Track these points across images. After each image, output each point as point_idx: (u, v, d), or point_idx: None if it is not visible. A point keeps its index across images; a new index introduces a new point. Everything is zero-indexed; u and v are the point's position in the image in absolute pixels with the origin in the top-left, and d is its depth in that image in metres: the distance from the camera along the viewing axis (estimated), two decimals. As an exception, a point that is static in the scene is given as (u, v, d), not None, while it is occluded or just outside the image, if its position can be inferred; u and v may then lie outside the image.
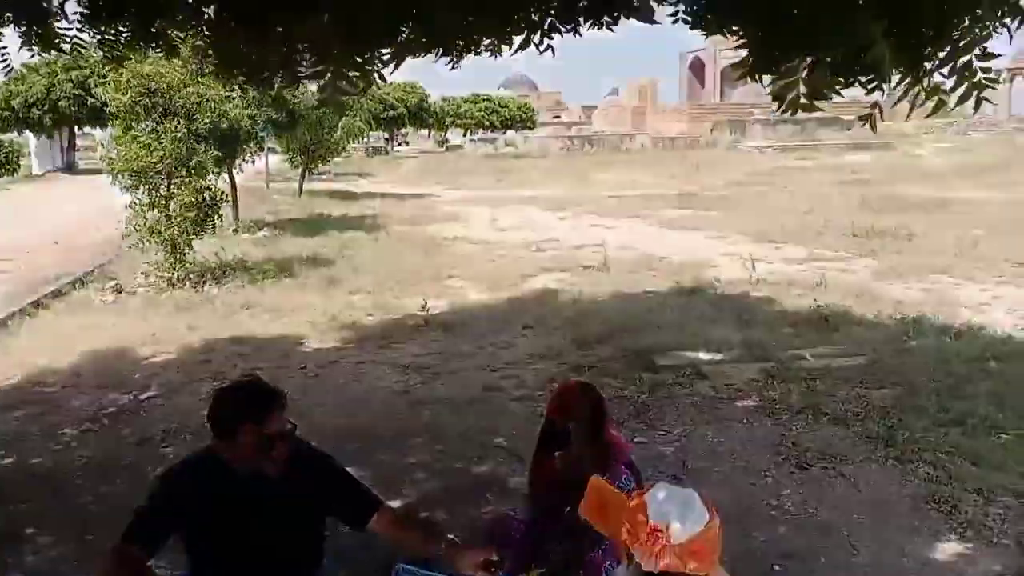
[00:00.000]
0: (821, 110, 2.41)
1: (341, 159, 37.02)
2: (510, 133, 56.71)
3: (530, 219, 16.87)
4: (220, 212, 10.10)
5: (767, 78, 2.45)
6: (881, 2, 2.13)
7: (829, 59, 2.30)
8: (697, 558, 1.99)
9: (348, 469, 3.74)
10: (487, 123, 73.83)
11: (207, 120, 9.81)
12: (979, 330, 6.89)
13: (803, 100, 2.33)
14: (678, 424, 5.32)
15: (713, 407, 5.58)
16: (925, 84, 2.73)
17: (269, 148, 28.93)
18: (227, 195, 11.00)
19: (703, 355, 6.58)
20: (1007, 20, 2.57)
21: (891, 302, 8.18)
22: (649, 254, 11.87)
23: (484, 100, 78.11)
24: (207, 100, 9.91)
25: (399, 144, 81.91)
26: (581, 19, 2.84)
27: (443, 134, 78.29)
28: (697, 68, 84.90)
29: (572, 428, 3.31)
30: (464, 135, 68.52)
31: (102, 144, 12.61)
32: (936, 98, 2.73)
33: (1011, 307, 8.02)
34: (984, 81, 2.57)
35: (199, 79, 9.62)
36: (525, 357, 6.89)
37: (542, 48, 3.04)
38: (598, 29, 3.01)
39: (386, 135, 68.40)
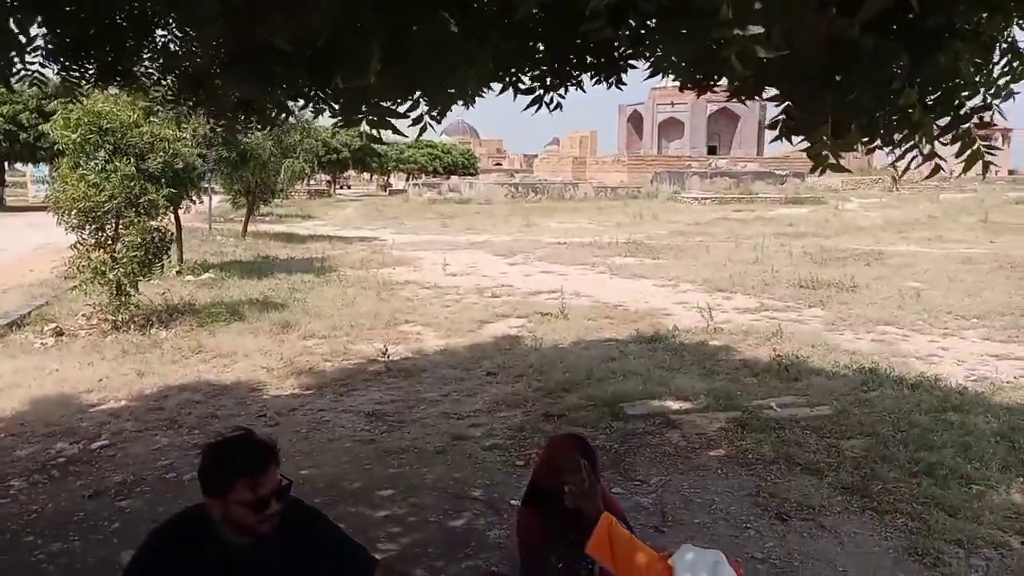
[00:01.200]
0: (850, 171, 2.44)
1: (281, 201, 36.77)
2: (454, 179, 57.03)
3: (481, 265, 16.85)
4: (169, 253, 9.77)
5: (796, 138, 2.47)
6: (913, 70, 2.17)
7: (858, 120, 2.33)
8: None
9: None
10: (430, 168, 74.25)
11: (159, 160, 9.53)
12: (936, 381, 7.06)
13: (831, 159, 2.34)
14: (653, 474, 5.27)
15: (686, 457, 5.54)
16: (923, 148, 2.83)
17: (212, 189, 28.51)
18: (173, 235, 10.65)
19: (672, 404, 6.58)
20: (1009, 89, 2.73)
21: (845, 352, 8.36)
22: (604, 301, 11.93)
23: (428, 146, 78.67)
24: (160, 139, 9.65)
25: (341, 187, 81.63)
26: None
27: (386, 179, 78.37)
28: (635, 120, 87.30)
29: (568, 483, 3.21)
30: (407, 180, 68.64)
31: (43, 181, 12.14)
32: (933, 162, 2.84)
33: (959, 359, 8.26)
34: (983, 150, 2.66)
35: (152, 119, 9.42)
36: (491, 405, 6.77)
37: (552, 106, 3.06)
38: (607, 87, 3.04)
39: (328, 178, 68.07)
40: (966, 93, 2.69)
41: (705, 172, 48.20)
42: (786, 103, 2.37)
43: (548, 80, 3.13)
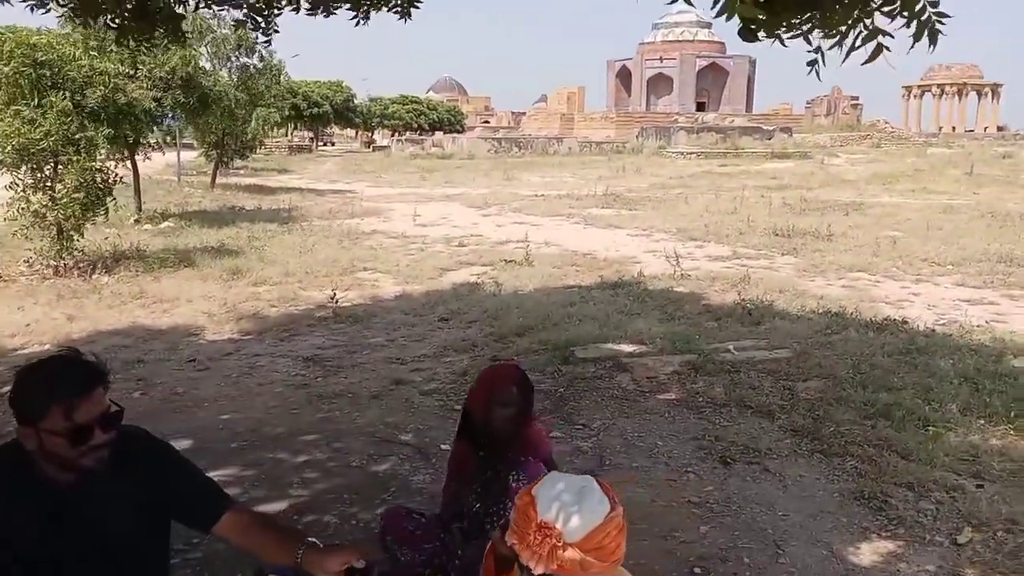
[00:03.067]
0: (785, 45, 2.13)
1: (262, 155, 35.97)
2: (438, 135, 56.26)
3: (453, 216, 16.45)
4: (113, 196, 9.33)
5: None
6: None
7: None
8: (596, 555, 1.63)
9: (230, 468, 3.23)
10: (415, 125, 73.29)
11: (98, 94, 9.03)
12: (903, 324, 6.78)
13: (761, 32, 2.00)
14: (597, 418, 4.98)
15: (634, 400, 5.26)
16: (868, 24, 2.49)
17: (184, 142, 27.81)
18: (121, 179, 10.17)
19: (625, 348, 6.27)
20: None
21: (813, 297, 8.07)
22: (573, 250, 11.60)
23: (413, 102, 77.65)
24: (100, 74, 9.13)
25: (325, 143, 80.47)
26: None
27: (370, 135, 77.24)
28: (624, 76, 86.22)
29: (496, 415, 2.94)
30: (392, 136, 67.67)
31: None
32: (875, 41, 2.50)
33: (929, 303, 8.00)
34: (935, 17, 2.34)
35: (92, 52, 8.91)
36: (439, 350, 6.46)
37: None
38: None
39: (311, 134, 66.97)
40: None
41: (692, 127, 47.55)
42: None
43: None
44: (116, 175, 9.52)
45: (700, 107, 78.24)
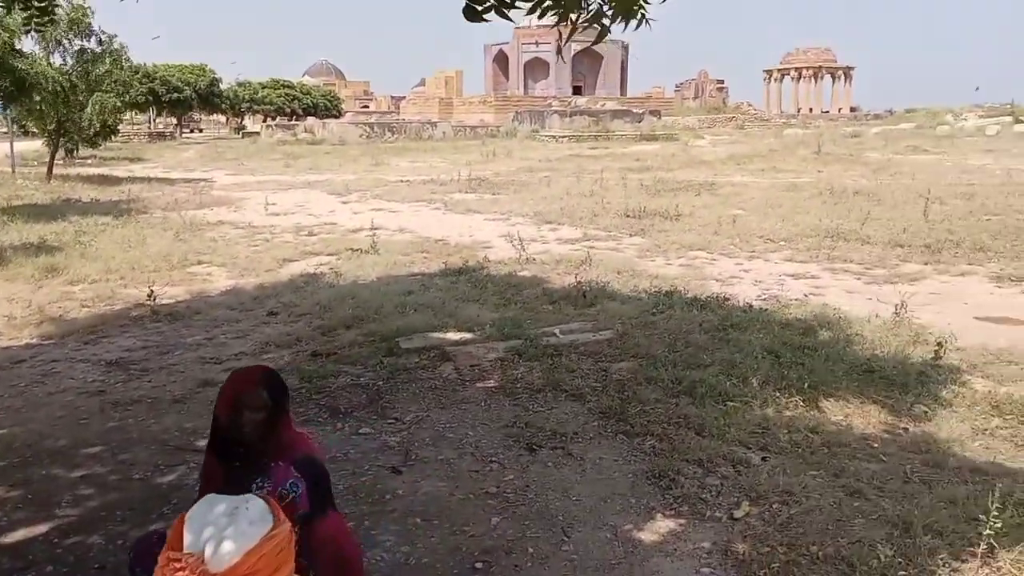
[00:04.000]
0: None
1: (120, 142, 33.75)
2: (310, 120, 54.60)
3: (311, 204, 15.93)
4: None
5: None
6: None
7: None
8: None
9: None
10: (288, 110, 70.95)
11: None
12: (724, 301, 6.99)
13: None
14: (412, 411, 4.86)
15: (452, 391, 5.17)
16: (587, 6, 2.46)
17: (23, 130, 25.78)
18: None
19: (452, 336, 6.17)
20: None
21: (649, 277, 8.23)
22: (427, 236, 11.43)
23: (285, 86, 75.15)
24: None
25: (193, 130, 76.76)
26: None
27: (239, 120, 74.12)
28: (501, 60, 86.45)
29: (245, 420, 2.71)
30: (264, 122, 65.23)
31: None
32: (597, 25, 2.47)
33: (757, 279, 8.31)
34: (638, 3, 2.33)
35: None
36: (260, 347, 6.17)
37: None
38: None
39: (173, 120, 63.64)
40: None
41: (565, 111, 48.16)
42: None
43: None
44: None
45: (576, 91, 79.38)
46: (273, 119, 65.38)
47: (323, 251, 10.25)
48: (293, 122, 55.81)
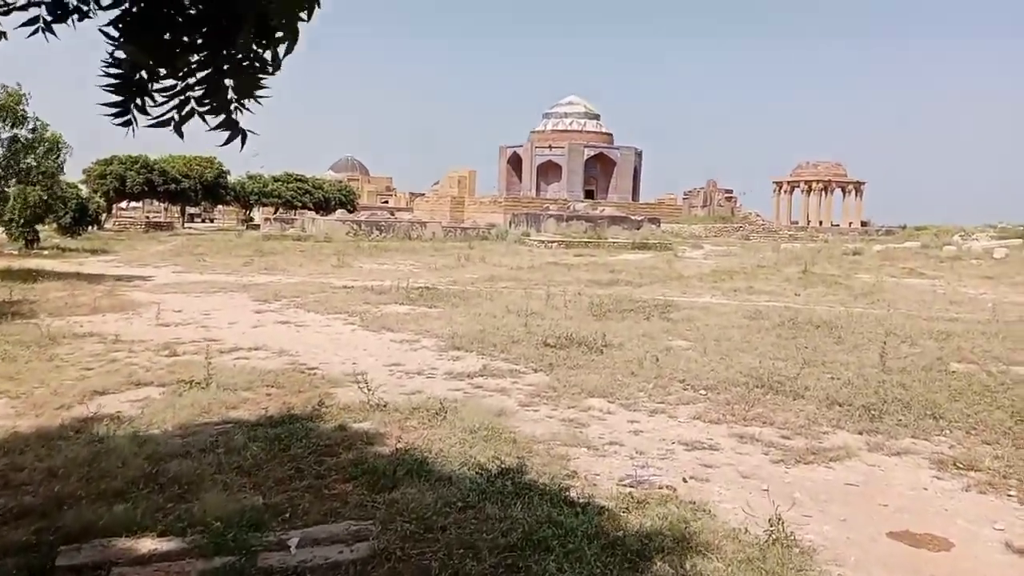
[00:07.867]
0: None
1: (113, 231, 32.96)
2: (308, 214, 54.27)
3: (222, 311, 14.51)
4: None
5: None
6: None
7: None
8: None
9: None
10: (298, 203, 71.16)
11: None
12: (561, 493, 5.22)
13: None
14: None
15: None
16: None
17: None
18: None
19: (146, 544, 4.40)
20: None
21: (507, 442, 6.50)
22: (301, 363, 9.85)
23: (296, 180, 75.72)
24: None
25: (203, 220, 77.15)
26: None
27: (246, 212, 74.37)
28: (515, 162, 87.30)
29: None
30: (272, 214, 65.27)
31: None
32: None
33: (639, 448, 6.53)
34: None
35: None
36: None
37: None
38: None
39: (171, 207, 63.71)
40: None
41: (562, 215, 47.31)
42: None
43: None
44: None
45: (589, 195, 79.50)
46: (276, 211, 65.30)
47: (155, 381, 8.65)
48: (292, 216, 55.59)
